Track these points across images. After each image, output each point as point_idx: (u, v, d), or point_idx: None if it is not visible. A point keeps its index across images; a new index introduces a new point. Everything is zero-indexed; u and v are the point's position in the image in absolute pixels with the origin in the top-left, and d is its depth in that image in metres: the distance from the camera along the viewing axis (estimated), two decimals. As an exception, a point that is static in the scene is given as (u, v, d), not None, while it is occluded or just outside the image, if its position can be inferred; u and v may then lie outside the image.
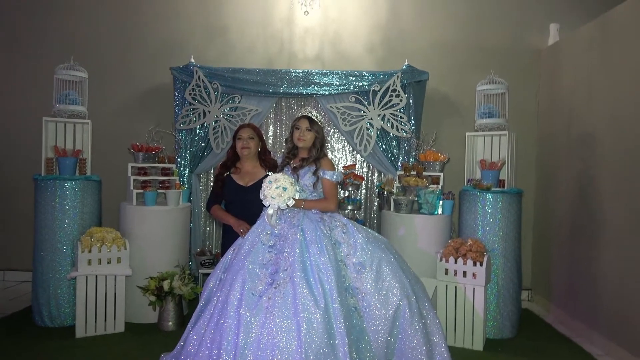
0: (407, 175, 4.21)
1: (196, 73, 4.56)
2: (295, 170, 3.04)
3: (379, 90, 4.54)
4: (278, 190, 2.85)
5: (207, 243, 4.85)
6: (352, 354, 2.52)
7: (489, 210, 3.81)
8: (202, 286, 4.12)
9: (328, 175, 3.00)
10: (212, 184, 4.41)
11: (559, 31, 4.82)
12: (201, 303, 2.91)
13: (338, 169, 4.77)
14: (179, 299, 3.81)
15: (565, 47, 4.51)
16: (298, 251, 2.72)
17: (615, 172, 3.61)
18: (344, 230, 2.90)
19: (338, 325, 2.52)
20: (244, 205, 3.31)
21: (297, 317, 2.51)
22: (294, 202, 2.90)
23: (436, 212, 4.05)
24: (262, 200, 2.91)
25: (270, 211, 2.88)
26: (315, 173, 3.00)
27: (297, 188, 2.95)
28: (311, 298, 2.56)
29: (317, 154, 3.05)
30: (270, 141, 4.91)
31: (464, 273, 3.60)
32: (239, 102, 4.67)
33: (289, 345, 2.47)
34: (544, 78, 4.88)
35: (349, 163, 4.92)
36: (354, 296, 2.73)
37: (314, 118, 3.06)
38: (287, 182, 2.89)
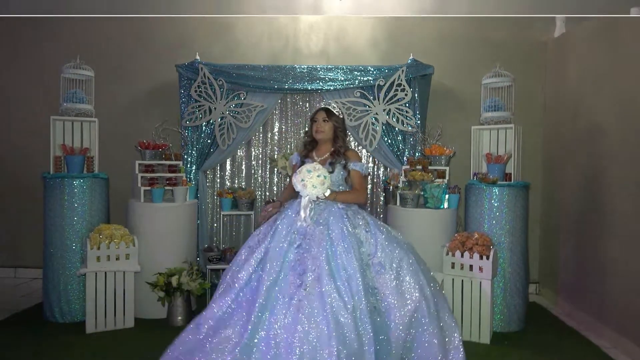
0: (413, 170, 4.21)
1: (201, 70, 4.57)
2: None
3: (384, 85, 4.53)
4: (320, 179, 2.76)
5: (215, 239, 4.88)
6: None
7: (495, 204, 3.80)
8: (210, 282, 4.17)
9: (358, 167, 2.98)
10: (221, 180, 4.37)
11: (565, 22, 4.77)
12: (219, 292, 2.81)
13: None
14: (187, 295, 3.84)
15: (572, 39, 4.48)
16: (325, 251, 2.65)
17: (623, 164, 3.58)
18: (367, 229, 2.82)
19: (365, 327, 2.47)
20: None
21: (327, 319, 2.45)
22: (330, 192, 2.83)
23: (442, 206, 4.05)
24: (299, 191, 2.80)
25: (305, 202, 2.77)
26: (345, 167, 2.96)
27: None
28: (340, 300, 2.50)
29: (345, 145, 3.01)
30: (275, 137, 4.92)
31: (471, 267, 3.60)
32: (244, 99, 4.68)
33: (321, 343, 2.40)
34: (550, 70, 4.85)
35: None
36: (374, 295, 2.67)
37: (331, 109, 3.03)
38: (325, 171, 2.84)
